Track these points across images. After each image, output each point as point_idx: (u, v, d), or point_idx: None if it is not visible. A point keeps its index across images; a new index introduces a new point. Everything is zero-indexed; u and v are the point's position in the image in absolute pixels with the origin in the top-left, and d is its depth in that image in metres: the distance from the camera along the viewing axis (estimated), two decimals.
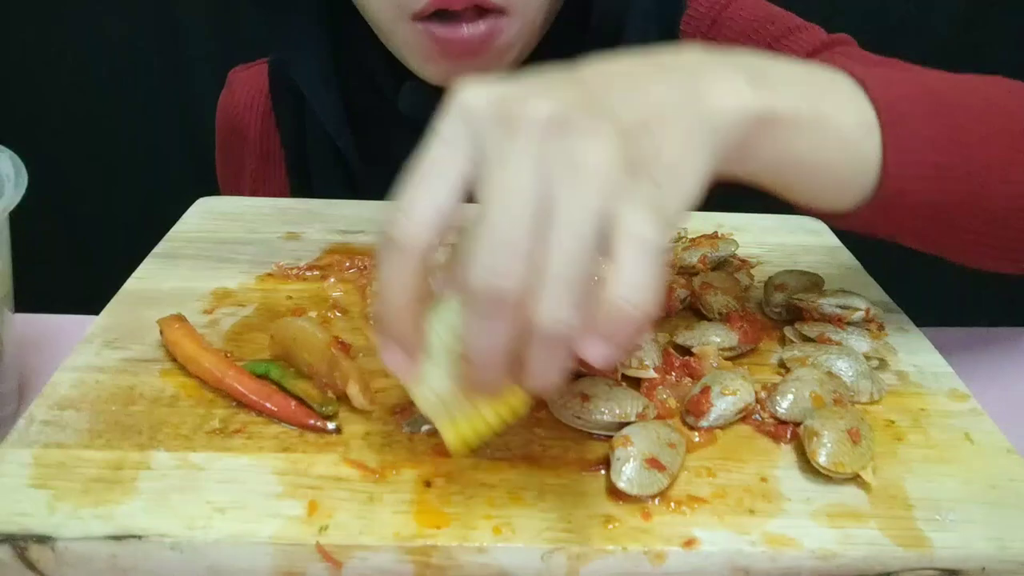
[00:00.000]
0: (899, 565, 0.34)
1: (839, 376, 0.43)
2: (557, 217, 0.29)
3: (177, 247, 0.56)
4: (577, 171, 0.29)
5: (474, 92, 0.32)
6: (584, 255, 0.29)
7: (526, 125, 0.30)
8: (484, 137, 0.31)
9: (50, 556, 0.33)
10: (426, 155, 0.32)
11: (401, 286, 0.31)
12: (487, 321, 0.29)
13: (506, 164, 0.30)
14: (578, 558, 0.33)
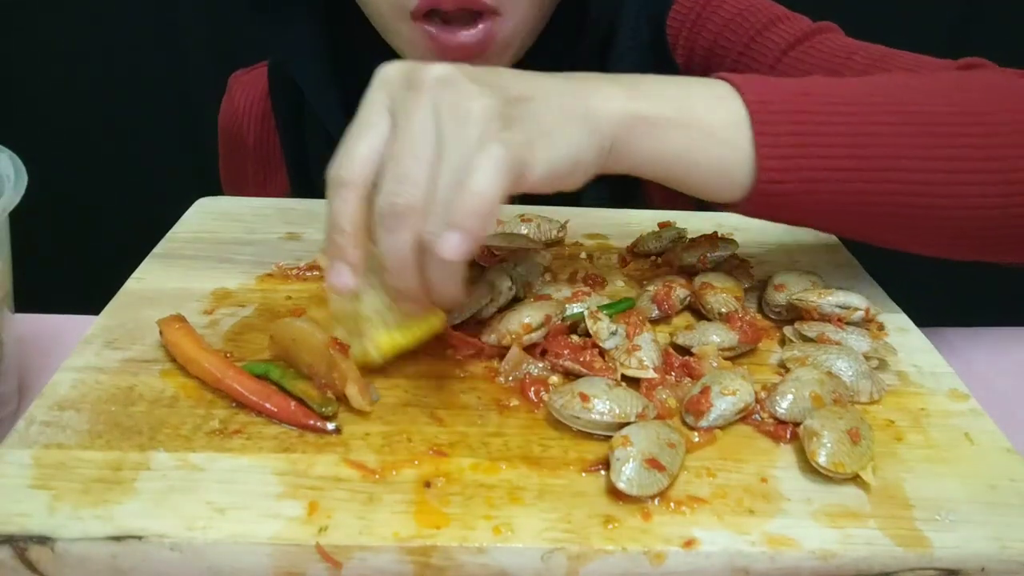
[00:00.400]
0: (899, 565, 0.34)
1: (839, 376, 0.43)
2: (445, 152, 0.37)
3: (177, 247, 0.56)
4: (461, 116, 0.37)
5: (392, 67, 0.40)
6: (466, 185, 0.35)
7: (425, 83, 0.38)
8: (396, 97, 0.39)
9: (50, 556, 0.33)
10: (359, 116, 0.40)
11: (347, 215, 0.38)
12: (393, 234, 0.37)
13: (409, 113, 0.38)
14: (578, 558, 0.33)
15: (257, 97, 0.79)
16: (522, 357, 0.43)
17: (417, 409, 0.41)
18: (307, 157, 0.76)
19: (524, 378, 0.43)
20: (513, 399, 0.42)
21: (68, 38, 1.25)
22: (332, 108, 0.70)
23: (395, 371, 0.44)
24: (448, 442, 0.38)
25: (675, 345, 0.47)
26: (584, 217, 0.62)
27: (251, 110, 0.79)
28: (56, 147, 1.22)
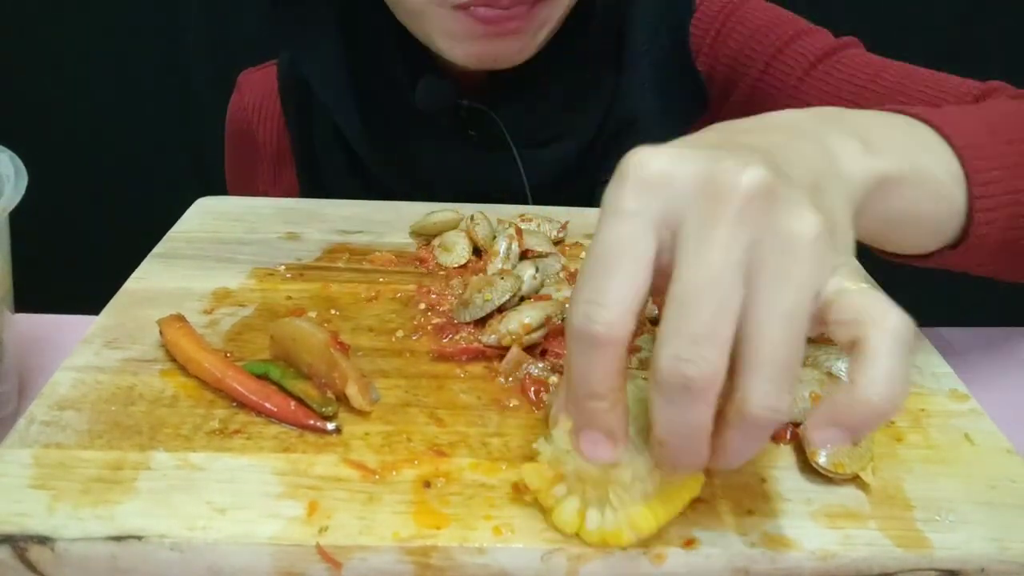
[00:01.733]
0: (899, 566, 0.34)
1: (839, 376, 0.43)
2: (769, 297, 0.28)
3: (177, 247, 0.56)
4: (793, 246, 0.28)
5: (661, 158, 0.29)
6: (800, 337, 0.28)
7: (734, 195, 0.28)
8: (682, 210, 0.28)
9: (50, 556, 0.33)
10: (612, 231, 0.29)
11: (604, 377, 0.29)
12: (680, 409, 0.28)
13: (711, 240, 0.28)
14: (578, 558, 0.33)
15: (267, 95, 0.79)
16: (522, 357, 0.43)
17: (417, 409, 0.41)
18: (316, 155, 0.76)
19: (524, 378, 0.43)
20: (513, 399, 0.42)
21: (68, 38, 1.25)
22: (345, 105, 0.70)
23: (395, 371, 0.44)
24: (448, 442, 0.38)
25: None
26: (584, 217, 0.62)
27: (261, 108, 0.79)
28: (56, 147, 1.23)
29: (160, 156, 1.32)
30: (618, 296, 0.28)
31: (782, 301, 0.28)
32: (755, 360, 0.27)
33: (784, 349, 0.27)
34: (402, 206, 0.63)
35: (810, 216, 0.28)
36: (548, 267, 0.53)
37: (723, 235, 0.28)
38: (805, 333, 0.28)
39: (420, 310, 0.49)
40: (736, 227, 0.28)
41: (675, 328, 0.27)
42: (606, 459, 0.31)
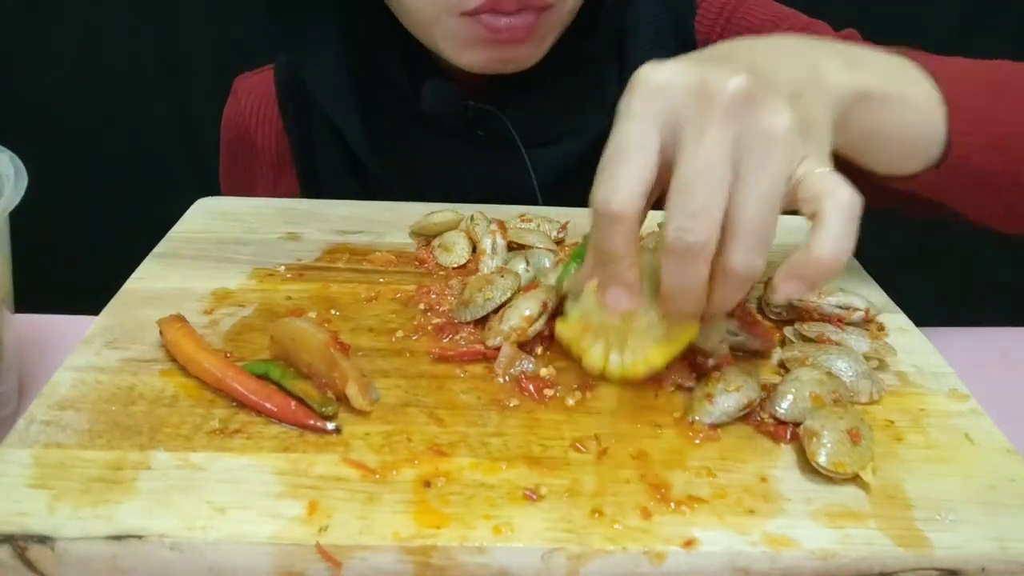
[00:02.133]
0: (899, 565, 0.34)
1: (839, 376, 0.43)
2: (750, 180, 0.35)
3: (177, 247, 0.56)
4: (769, 139, 0.35)
5: (663, 71, 0.36)
6: (774, 212, 0.35)
7: (721, 98, 0.34)
8: (680, 111, 0.35)
9: (50, 556, 0.33)
10: (623, 130, 0.36)
11: (621, 246, 0.36)
12: (683, 268, 0.36)
13: (703, 136, 0.34)
14: (578, 558, 0.33)
15: (264, 99, 0.78)
16: (515, 354, 0.44)
17: (417, 409, 0.41)
18: (316, 158, 0.75)
19: (520, 376, 0.43)
20: (513, 399, 0.42)
21: (68, 38, 1.25)
22: (347, 110, 0.70)
23: (395, 371, 0.44)
24: (448, 442, 0.38)
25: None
26: (584, 217, 0.62)
27: (259, 112, 0.79)
28: (56, 147, 1.23)
29: (160, 156, 1.32)
30: (629, 180, 0.35)
31: (760, 183, 0.35)
32: (738, 230, 0.35)
33: (761, 221, 0.35)
34: (402, 206, 0.63)
35: (784, 113, 0.35)
36: (539, 260, 0.53)
37: (713, 132, 0.34)
38: (779, 208, 0.35)
39: (420, 310, 0.49)
40: (723, 124, 0.34)
41: (678, 207, 0.35)
42: (626, 308, 0.39)
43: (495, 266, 0.53)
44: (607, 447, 0.39)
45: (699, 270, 0.36)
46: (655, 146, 0.35)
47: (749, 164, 0.35)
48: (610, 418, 0.41)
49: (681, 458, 0.38)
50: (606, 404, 0.42)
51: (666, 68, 0.36)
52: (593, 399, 0.42)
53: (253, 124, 0.79)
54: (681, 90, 0.35)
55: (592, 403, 0.42)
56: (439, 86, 0.68)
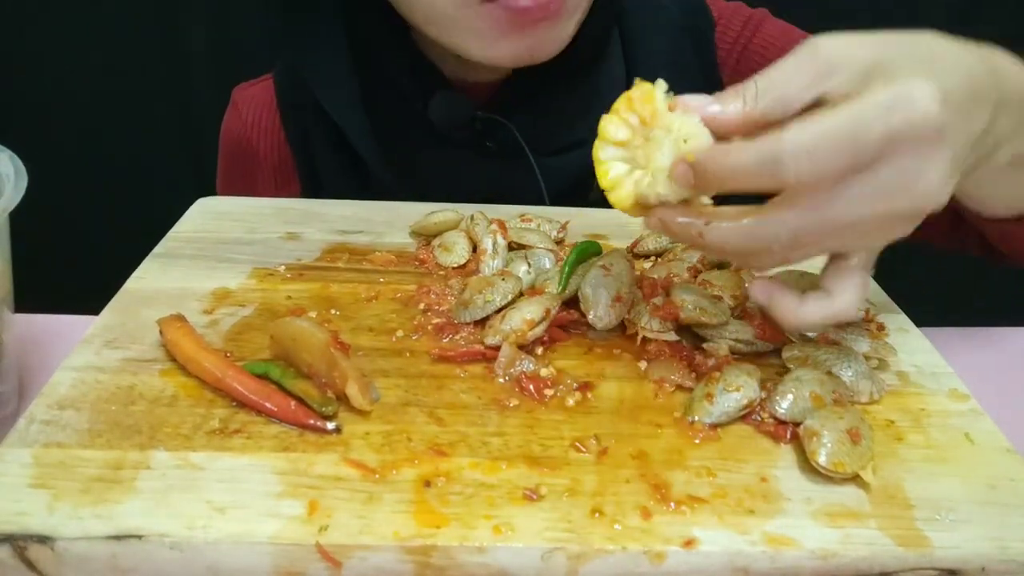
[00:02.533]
0: (899, 565, 0.34)
1: (839, 376, 0.43)
2: (859, 211, 0.35)
3: (177, 247, 0.56)
4: (910, 204, 0.35)
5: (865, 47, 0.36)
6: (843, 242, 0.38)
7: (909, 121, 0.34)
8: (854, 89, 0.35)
9: (50, 556, 0.33)
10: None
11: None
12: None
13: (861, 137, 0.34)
14: (578, 558, 0.33)
15: (266, 110, 0.78)
16: (515, 354, 0.44)
17: (417, 409, 0.41)
18: (317, 164, 0.75)
19: (520, 376, 0.43)
20: (513, 399, 0.42)
21: (68, 38, 1.25)
22: (358, 125, 0.69)
23: (395, 371, 0.44)
24: (448, 442, 0.38)
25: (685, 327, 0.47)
26: (584, 217, 0.62)
27: (260, 123, 0.78)
28: (56, 147, 1.22)
29: (160, 156, 1.32)
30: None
31: (864, 221, 0.36)
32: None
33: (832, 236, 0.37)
34: (402, 206, 0.63)
35: (943, 192, 0.35)
36: (539, 260, 0.53)
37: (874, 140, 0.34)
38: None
39: (420, 310, 0.49)
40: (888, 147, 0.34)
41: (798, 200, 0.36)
42: None
43: (496, 266, 0.53)
44: (607, 447, 0.39)
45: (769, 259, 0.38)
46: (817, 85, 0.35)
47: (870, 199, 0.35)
48: (610, 418, 0.41)
49: (681, 458, 0.38)
50: (606, 404, 0.42)
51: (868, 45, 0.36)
52: (593, 399, 0.42)
53: (255, 136, 0.78)
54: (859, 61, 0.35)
55: (592, 403, 0.42)
56: (447, 98, 0.67)
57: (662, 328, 0.46)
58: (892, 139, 0.33)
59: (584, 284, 0.47)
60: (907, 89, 0.34)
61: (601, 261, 0.48)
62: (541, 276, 0.52)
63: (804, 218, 0.36)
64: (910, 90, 0.34)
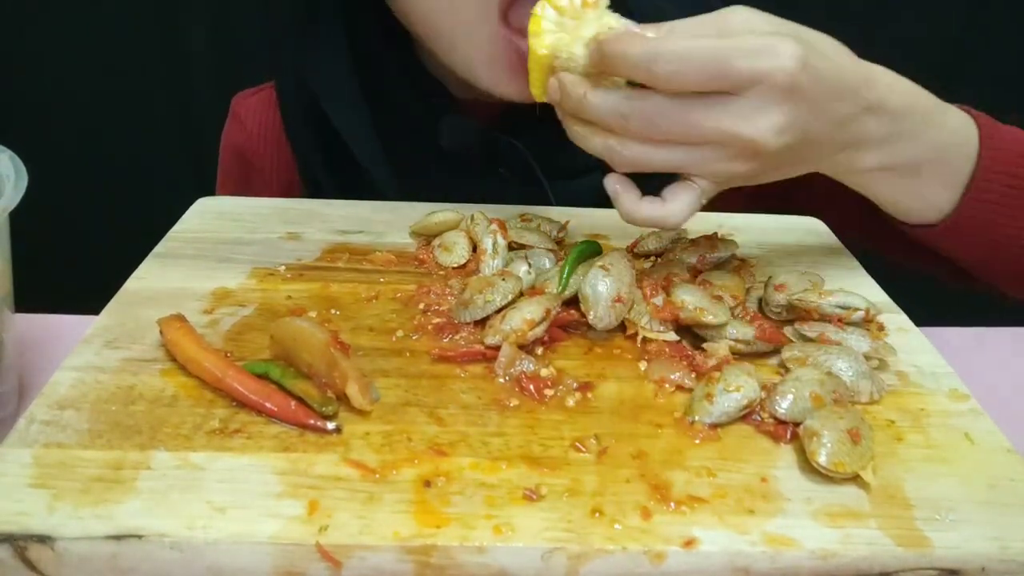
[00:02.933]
0: (899, 565, 0.34)
1: (839, 376, 0.43)
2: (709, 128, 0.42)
3: (177, 247, 0.56)
4: (754, 138, 0.42)
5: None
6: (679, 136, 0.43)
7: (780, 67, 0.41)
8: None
9: (50, 556, 0.33)
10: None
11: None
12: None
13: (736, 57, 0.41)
14: (578, 558, 0.33)
15: (271, 122, 0.77)
16: (516, 354, 0.44)
17: (417, 409, 0.41)
18: (322, 180, 0.74)
19: (520, 376, 0.43)
20: (513, 399, 0.42)
21: (69, 38, 1.25)
22: (371, 151, 0.69)
23: (395, 371, 0.44)
24: (448, 442, 0.38)
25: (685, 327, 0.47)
26: (584, 217, 0.62)
27: (266, 135, 0.77)
28: (56, 147, 1.22)
29: (160, 156, 1.32)
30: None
31: (710, 149, 0.44)
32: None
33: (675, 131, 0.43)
34: (402, 206, 0.63)
35: (789, 143, 0.43)
36: (539, 260, 0.53)
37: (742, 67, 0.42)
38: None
39: (420, 310, 0.49)
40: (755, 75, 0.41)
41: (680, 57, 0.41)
42: None
43: (496, 266, 0.53)
44: (607, 447, 0.39)
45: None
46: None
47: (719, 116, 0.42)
48: (610, 418, 0.41)
49: (681, 458, 0.38)
50: (606, 404, 0.42)
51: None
52: (593, 399, 0.42)
53: (260, 148, 0.77)
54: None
55: (592, 403, 0.42)
56: (456, 122, 0.67)
57: (662, 328, 0.46)
58: (752, 77, 0.41)
59: (584, 284, 0.47)
60: (777, 43, 0.41)
61: (601, 261, 0.48)
62: (541, 276, 0.52)
63: (665, 105, 0.42)
64: (779, 45, 0.41)
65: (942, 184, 0.53)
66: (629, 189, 0.46)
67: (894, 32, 1.14)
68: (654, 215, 0.45)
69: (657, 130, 0.43)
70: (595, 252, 0.52)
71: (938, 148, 0.51)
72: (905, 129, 0.49)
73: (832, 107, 0.44)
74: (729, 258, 0.55)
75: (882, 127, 0.47)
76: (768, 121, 0.42)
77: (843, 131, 0.46)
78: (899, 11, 1.17)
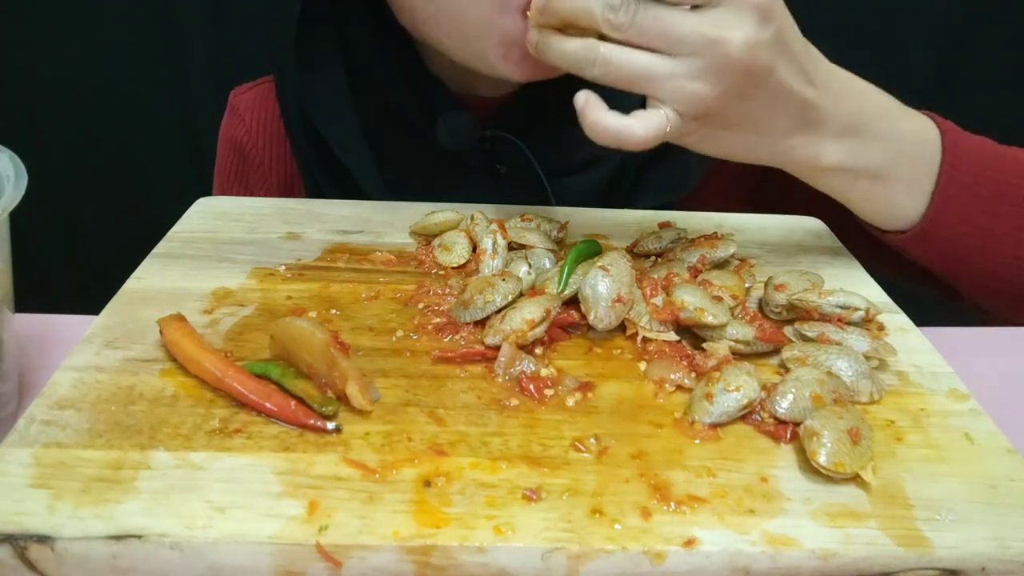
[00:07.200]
0: (899, 565, 0.34)
1: (839, 376, 0.43)
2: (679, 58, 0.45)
3: (177, 247, 0.56)
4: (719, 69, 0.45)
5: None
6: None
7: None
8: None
9: (50, 556, 0.33)
10: None
11: None
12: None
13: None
14: (578, 558, 0.33)
15: (269, 117, 0.76)
16: (515, 354, 0.44)
17: (417, 409, 0.41)
18: (318, 175, 0.74)
19: (520, 376, 0.43)
20: (513, 398, 0.42)
21: (69, 38, 1.25)
22: (362, 156, 0.68)
23: (395, 371, 0.44)
24: (448, 441, 0.38)
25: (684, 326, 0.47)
26: (584, 217, 0.62)
27: (264, 130, 0.77)
28: (56, 147, 1.23)
29: (160, 156, 1.32)
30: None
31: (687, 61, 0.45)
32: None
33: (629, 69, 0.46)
34: (402, 206, 0.63)
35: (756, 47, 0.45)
36: (539, 260, 0.53)
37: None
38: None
39: (420, 310, 0.49)
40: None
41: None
42: None
43: (496, 266, 0.53)
44: (607, 447, 0.39)
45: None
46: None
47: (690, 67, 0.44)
48: (610, 418, 0.41)
49: (681, 458, 0.38)
50: (606, 404, 0.42)
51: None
52: (593, 399, 0.42)
53: (259, 143, 0.77)
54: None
55: (592, 403, 0.42)
56: (455, 119, 0.66)
57: (662, 328, 0.46)
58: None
59: (584, 285, 0.47)
60: None
61: (601, 261, 0.48)
62: (541, 276, 0.52)
63: (652, 5, 0.44)
64: None
65: (908, 191, 0.54)
66: (598, 103, 0.47)
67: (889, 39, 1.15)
68: (619, 125, 0.46)
69: (642, 29, 0.44)
70: (595, 252, 0.52)
71: (899, 151, 0.52)
72: (861, 124, 0.50)
73: (797, 56, 0.47)
74: (729, 258, 0.55)
75: (841, 119, 0.50)
76: (742, 32, 0.44)
77: (802, 94, 0.47)
78: (894, 13, 1.17)
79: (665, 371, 0.44)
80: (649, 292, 0.48)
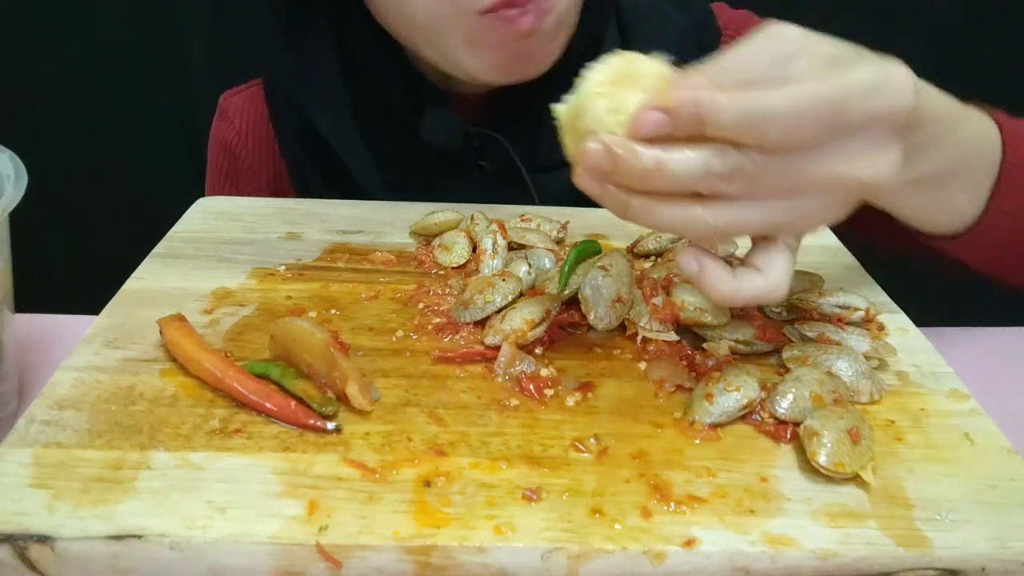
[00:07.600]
0: (899, 565, 0.34)
1: (839, 376, 0.43)
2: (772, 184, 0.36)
3: (177, 247, 0.56)
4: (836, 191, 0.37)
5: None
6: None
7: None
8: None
9: (50, 556, 0.33)
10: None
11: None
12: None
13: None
14: (578, 558, 0.33)
15: (258, 119, 0.77)
16: (515, 354, 0.44)
17: (417, 409, 0.41)
18: (308, 175, 0.74)
19: (520, 376, 0.43)
20: (513, 398, 0.42)
21: (69, 38, 1.25)
22: (358, 153, 0.69)
23: (395, 371, 0.44)
24: (448, 441, 0.38)
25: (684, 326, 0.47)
26: (584, 217, 0.62)
27: (253, 132, 0.77)
28: (56, 147, 1.23)
29: (160, 156, 1.32)
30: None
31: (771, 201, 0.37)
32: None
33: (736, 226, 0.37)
34: (402, 206, 0.63)
35: (880, 174, 0.36)
36: (539, 260, 0.53)
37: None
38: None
39: (420, 310, 0.49)
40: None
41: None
42: None
43: (496, 266, 0.53)
44: (607, 447, 0.39)
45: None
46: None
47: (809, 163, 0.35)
48: (610, 418, 0.41)
49: (681, 458, 0.38)
50: (606, 404, 0.42)
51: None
52: (593, 399, 0.42)
53: (248, 145, 0.77)
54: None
55: (592, 403, 0.42)
56: (440, 115, 0.67)
57: (662, 328, 0.46)
58: (872, 116, 0.35)
59: (584, 285, 0.47)
60: (890, 73, 0.35)
61: (601, 261, 0.48)
62: (541, 276, 0.52)
63: (770, 157, 0.35)
64: (893, 74, 0.35)
65: (965, 193, 0.50)
66: (717, 265, 0.38)
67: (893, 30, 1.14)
68: (759, 289, 0.38)
69: (762, 186, 0.36)
70: (595, 252, 0.52)
71: (961, 155, 0.48)
72: (929, 136, 0.43)
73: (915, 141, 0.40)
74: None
75: (912, 135, 0.42)
76: (886, 159, 0.36)
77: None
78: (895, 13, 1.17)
79: (665, 371, 0.44)
80: (649, 292, 0.48)
